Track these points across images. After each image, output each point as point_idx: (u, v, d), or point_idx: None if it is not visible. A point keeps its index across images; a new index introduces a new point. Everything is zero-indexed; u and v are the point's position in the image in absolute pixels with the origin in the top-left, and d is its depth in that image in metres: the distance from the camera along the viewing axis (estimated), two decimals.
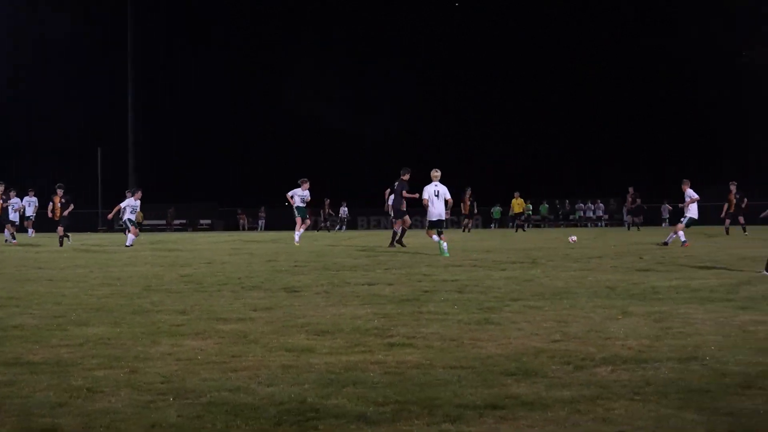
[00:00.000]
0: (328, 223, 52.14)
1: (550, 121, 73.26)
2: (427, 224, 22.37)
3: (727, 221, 34.59)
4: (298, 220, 28.48)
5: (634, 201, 47.05)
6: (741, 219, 32.05)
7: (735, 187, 31.94)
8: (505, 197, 53.90)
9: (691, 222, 25.77)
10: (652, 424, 4.93)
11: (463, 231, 45.24)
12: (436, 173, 21.86)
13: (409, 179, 26.09)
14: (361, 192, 60.49)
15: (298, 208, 28.48)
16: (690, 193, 26.18)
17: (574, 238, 29.58)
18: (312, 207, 28.84)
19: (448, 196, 21.71)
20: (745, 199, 31.88)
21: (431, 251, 22.03)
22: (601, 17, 72.52)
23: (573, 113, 73.16)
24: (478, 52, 74.15)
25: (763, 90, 65.18)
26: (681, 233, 25.11)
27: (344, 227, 55.60)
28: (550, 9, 72.74)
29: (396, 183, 26.12)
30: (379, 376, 6.19)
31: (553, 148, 72.72)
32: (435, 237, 21.43)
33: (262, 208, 66.42)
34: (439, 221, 21.77)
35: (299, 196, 28.47)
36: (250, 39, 75.58)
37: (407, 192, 25.65)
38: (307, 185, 28.71)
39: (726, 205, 33.98)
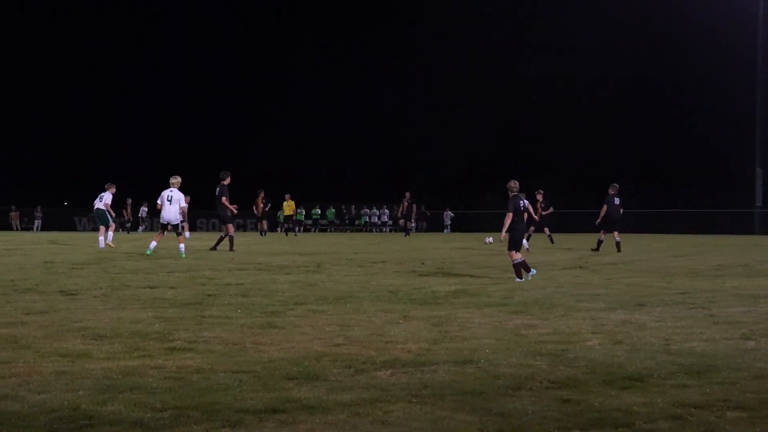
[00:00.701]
0: (129, 224, 50.45)
1: (334, 127, 74.57)
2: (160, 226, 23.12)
3: (531, 228, 35.63)
4: (112, 226, 27.39)
5: (409, 207, 47.88)
6: (546, 230, 32.62)
7: (541, 195, 32.50)
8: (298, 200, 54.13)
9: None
10: (428, 425, 5.07)
11: (261, 235, 44.81)
12: (175, 180, 22.19)
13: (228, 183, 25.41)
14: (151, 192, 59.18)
15: (101, 213, 27.30)
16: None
17: (490, 239, 30.40)
18: (114, 208, 27.74)
19: (183, 204, 21.99)
20: (551, 208, 32.62)
21: (219, 255, 21.84)
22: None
23: (360, 124, 74.70)
24: None
25: (539, 102, 69.04)
26: (525, 241, 26.45)
27: (142, 228, 53.94)
28: None
29: (217, 188, 25.30)
30: (158, 382, 6.07)
31: (335, 154, 74.04)
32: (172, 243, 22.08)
33: (38, 208, 63.38)
34: (172, 225, 22.29)
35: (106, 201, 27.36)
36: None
37: (226, 198, 25.06)
38: (113, 189, 27.66)
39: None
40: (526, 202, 15.71)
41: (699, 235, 49.25)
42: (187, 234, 38.40)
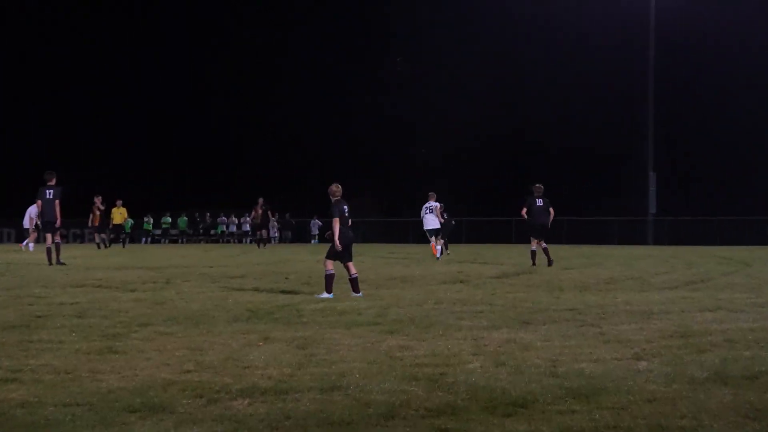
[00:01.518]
0: None
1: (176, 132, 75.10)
2: None
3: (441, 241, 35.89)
4: None
5: (264, 214, 47.55)
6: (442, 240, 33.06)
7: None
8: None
9: (430, 233, 30.52)
10: None
11: (102, 246, 43.42)
12: None
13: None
14: None
15: None
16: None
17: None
18: None
19: None
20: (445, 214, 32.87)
21: (51, 271, 21.27)
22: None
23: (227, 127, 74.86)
24: None
25: (411, 97, 69.93)
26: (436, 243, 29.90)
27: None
28: None
29: (48, 190, 24.36)
30: None
31: (179, 155, 74.10)
32: None
33: None
34: None
35: None
36: None
37: (59, 201, 24.27)
38: None
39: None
40: (346, 207, 15.92)
41: (589, 246, 50.62)
42: (30, 246, 37.13)
